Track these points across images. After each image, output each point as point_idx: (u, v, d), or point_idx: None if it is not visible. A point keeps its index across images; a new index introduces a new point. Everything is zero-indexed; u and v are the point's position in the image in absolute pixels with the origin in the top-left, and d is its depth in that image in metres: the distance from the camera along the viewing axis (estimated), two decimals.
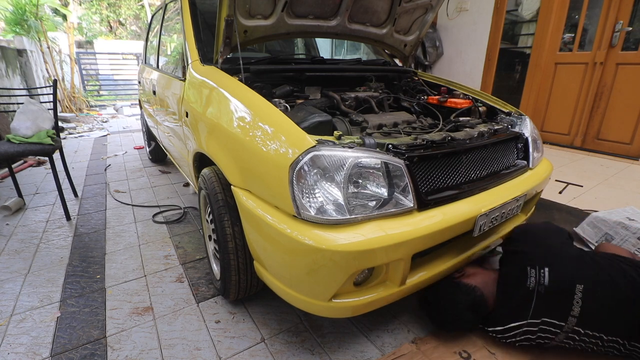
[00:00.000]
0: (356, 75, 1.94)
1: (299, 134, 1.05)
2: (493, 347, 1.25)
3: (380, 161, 1.03)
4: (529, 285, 1.14)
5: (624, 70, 3.03)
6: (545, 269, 1.14)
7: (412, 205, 1.05)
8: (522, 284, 1.16)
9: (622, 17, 2.97)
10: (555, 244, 1.23)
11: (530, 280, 1.14)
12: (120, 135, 5.21)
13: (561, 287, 1.11)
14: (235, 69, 1.51)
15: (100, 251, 1.94)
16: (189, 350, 1.27)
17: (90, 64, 9.06)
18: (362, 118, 1.39)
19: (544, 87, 3.58)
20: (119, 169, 3.49)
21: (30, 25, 5.57)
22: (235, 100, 1.30)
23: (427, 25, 2.08)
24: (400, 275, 1.07)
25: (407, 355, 1.24)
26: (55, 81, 2.57)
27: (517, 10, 4.13)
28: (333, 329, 1.37)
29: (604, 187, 2.40)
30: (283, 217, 1.03)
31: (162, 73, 2.39)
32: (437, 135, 1.26)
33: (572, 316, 1.09)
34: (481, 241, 1.34)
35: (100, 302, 1.52)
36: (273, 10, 1.61)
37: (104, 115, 7.03)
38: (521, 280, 1.16)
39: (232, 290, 1.37)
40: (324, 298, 1.04)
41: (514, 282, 1.19)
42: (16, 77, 4.99)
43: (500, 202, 1.23)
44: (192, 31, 1.81)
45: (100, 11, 12.39)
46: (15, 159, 3.30)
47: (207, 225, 1.57)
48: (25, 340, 1.32)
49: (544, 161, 1.64)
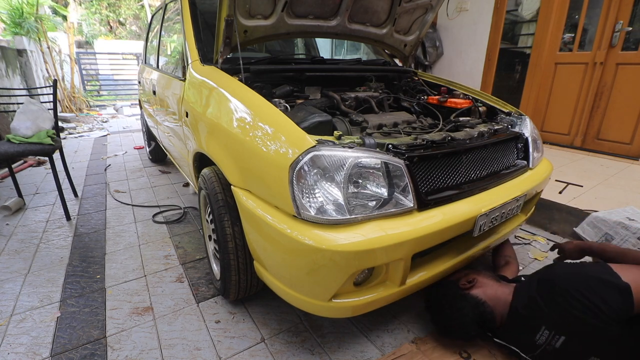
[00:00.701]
0: (356, 75, 1.94)
1: (299, 134, 1.05)
2: (493, 348, 1.25)
3: (380, 161, 1.03)
4: (537, 340, 1.07)
5: (624, 70, 3.03)
6: (562, 337, 1.02)
7: (412, 205, 1.05)
8: (530, 335, 1.08)
9: (622, 17, 2.97)
10: (589, 321, 0.99)
11: (541, 338, 1.06)
12: (120, 135, 5.21)
13: (572, 356, 1.03)
14: (235, 69, 1.51)
15: (100, 251, 1.94)
16: (189, 350, 1.27)
17: (90, 64, 9.06)
18: (362, 118, 1.39)
19: (544, 87, 3.58)
20: (119, 169, 3.49)
21: (29, 26, 5.56)
22: (235, 100, 1.30)
23: (427, 25, 2.08)
24: (400, 275, 1.07)
25: (407, 355, 1.24)
26: (55, 81, 2.57)
27: (517, 10, 4.12)
28: (333, 329, 1.37)
29: (604, 187, 2.40)
30: (283, 217, 1.03)
31: (162, 73, 2.39)
32: (437, 135, 1.26)
33: None
34: (481, 241, 1.34)
35: (100, 302, 1.52)
36: (273, 10, 1.61)
37: (104, 115, 7.03)
38: (532, 332, 1.08)
39: (232, 290, 1.37)
40: (324, 298, 1.04)
41: (523, 328, 1.11)
42: (16, 77, 4.99)
43: (500, 202, 1.23)
44: (192, 31, 1.81)
45: (100, 11, 12.38)
46: (15, 159, 3.30)
47: (207, 225, 1.57)
48: (25, 340, 1.32)
49: (544, 161, 1.64)
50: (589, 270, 1.09)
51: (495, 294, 1.21)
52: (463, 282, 1.25)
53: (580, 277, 1.06)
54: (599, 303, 0.98)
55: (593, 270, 1.09)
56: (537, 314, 1.08)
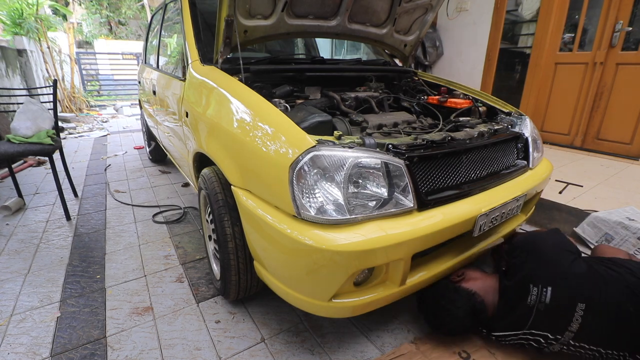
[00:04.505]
0: (356, 75, 1.94)
1: (299, 134, 1.05)
2: (493, 347, 1.25)
3: (380, 161, 1.03)
4: (529, 302, 1.12)
5: (624, 70, 3.03)
6: (548, 288, 1.11)
7: (412, 205, 1.05)
8: (522, 300, 1.14)
9: (622, 17, 2.97)
10: (561, 261, 1.17)
11: (532, 298, 1.12)
12: (120, 135, 5.21)
13: (562, 305, 1.09)
14: (235, 69, 1.51)
15: (100, 251, 1.94)
16: (189, 350, 1.27)
17: (90, 64, 9.06)
18: (362, 118, 1.39)
19: (544, 87, 3.58)
20: (119, 169, 3.49)
21: (29, 26, 5.56)
22: (236, 100, 1.30)
23: (427, 25, 2.08)
24: (400, 275, 1.07)
25: (407, 355, 1.24)
26: (55, 81, 2.57)
27: (517, 10, 4.12)
28: (333, 329, 1.37)
29: (604, 187, 2.40)
30: (283, 217, 1.03)
31: (162, 73, 2.39)
32: (437, 135, 1.26)
33: (569, 331, 1.08)
34: (481, 241, 1.34)
35: (100, 302, 1.52)
36: (273, 10, 1.61)
37: (104, 115, 7.03)
38: (522, 296, 1.14)
39: (232, 290, 1.37)
40: (324, 298, 1.04)
41: (515, 297, 1.17)
42: (16, 77, 4.99)
43: (500, 202, 1.24)
44: (192, 31, 1.81)
45: (100, 11, 12.38)
46: (15, 159, 3.30)
47: (207, 225, 1.57)
48: (25, 340, 1.32)
49: (544, 161, 1.64)
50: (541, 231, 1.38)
51: (484, 283, 1.27)
52: (453, 276, 1.30)
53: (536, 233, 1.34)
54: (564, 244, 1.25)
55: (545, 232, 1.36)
56: (521, 275, 1.17)
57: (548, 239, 1.27)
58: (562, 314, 1.09)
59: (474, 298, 1.22)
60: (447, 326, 1.25)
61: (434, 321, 1.30)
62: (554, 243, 1.25)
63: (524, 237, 1.34)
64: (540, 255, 1.19)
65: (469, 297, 1.22)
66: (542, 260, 1.18)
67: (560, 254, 1.20)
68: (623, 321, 1.05)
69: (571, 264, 1.16)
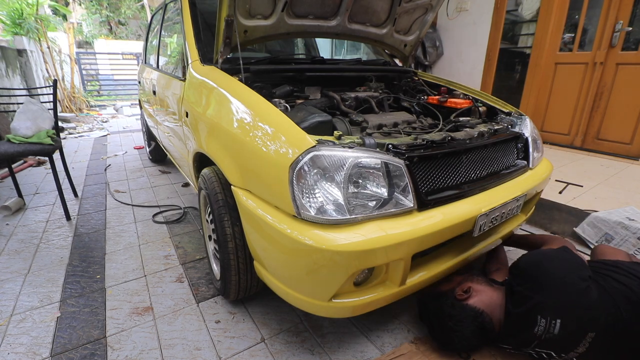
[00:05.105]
0: (356, 75, 1.94)
1: (299, 134, 1.05)
2: (493, 348, 1.25)
3: (380, 161, 1.03)
4: (537, 332, 1.07)
5: (624, 70, 3.03)
6: (557, 320, 1.04)
7: (412, 205, 1.05)
8: (529, 329, 1.09)
9: (622, 17, 2.97)
10: (571, 291, 1.08)
11: (539, 329, 1.07)
12: (120, 135, 5.21)
13: (571, 333, 1.05)
14: (235, 69, 1.51)
15: (100, 251, 1.94)
16: (189, 350, 1.27)
17: (90, 64, 9.06)
18: (362, 118, 1.39)
19: (544, 87, 3.58)
20: (119, 169, 3.49)
21: (29, 26, 5.55)
22: (236, 100, 1.30)
23: (427, 25, 2.08)
24: (400, 275, 1.07)
25: (407, 355, 1.24)
26: (55, 81, 2.57)
27: (517, 10, 4.12)
28: (333, 329, 1.37)
29: (604, 187, 2.40)
30: (283, 217, 1.03)
31: (162, 73, 2.39)
32: (437, 135, 1.26)
33: (575, 352, 1.06)
34: (481, 241, 1.34)
35: (100, 302, 1.52)
36: (273, 10, 1.61)
37: (104, 115, 7.02)
38: (529, 326, 1.09)
39: (232, 290, 1.37)
40: (324, 298, 1.04)
41: (521, 326, 1.12)
42: (16, 77, 4.99)
43: (500, 202, 1.23)
44: (192, 31, 1.81)
45: (100, 11, 12.38)
46: (15, 159, 3.30)
47: (207, 225, 1.57)
48: (25, 340, 1.32)
49: (544, 161, 1.64)
50: (549, 250, 1.27)
51: (491, 300, 1.20)
52: (459, 292, 1.22)
53: (544, 254, 1.23)
54: (574, 268, 1.15)
55: (552, 249, 1.27)
56: (530, 306, 1.09)
57: (557, 263, 1.16)
58: (571, 340, 1.06)
59: (482, 317, 1.17)
60: (454, 345, 1.21)
61: (441, 339, 1.25)
62: (563, 268, 1.14)
63: (531, 258, 1.22)
64: (549, 284, 1.10)
65: (476, 317, 1.17)
66: (551, 290, 1.09)
67: (570, 283, 1.10)
68: (629, 339, 1.02)
69: (582, 293, 1.07)
